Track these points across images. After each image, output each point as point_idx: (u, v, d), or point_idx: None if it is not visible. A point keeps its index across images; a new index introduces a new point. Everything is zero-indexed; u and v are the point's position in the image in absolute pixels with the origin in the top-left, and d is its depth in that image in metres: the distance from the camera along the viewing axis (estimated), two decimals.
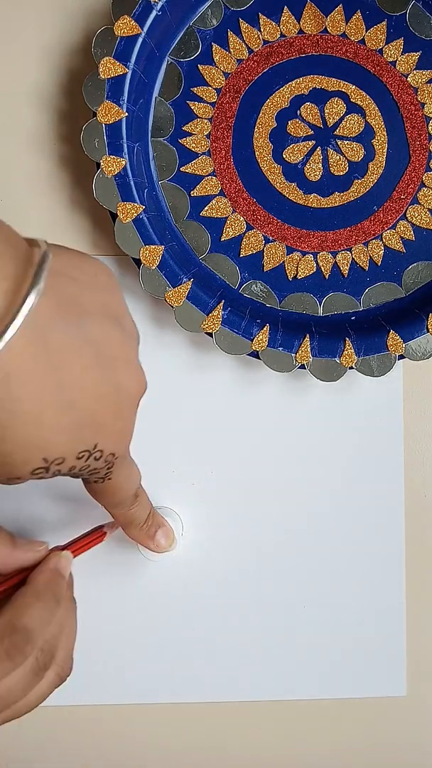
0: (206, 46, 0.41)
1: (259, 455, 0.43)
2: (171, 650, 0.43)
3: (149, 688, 0.43)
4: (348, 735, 0.44)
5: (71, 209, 0.42)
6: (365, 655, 0.43)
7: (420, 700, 0.44)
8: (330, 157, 0.42)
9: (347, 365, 0.40)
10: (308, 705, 0.43)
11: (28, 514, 0.43)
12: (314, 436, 0.43)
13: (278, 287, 0.42)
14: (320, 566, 0.43)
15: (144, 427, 0.43)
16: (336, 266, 0.42)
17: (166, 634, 0.43)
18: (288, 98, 0.42)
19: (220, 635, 0.43)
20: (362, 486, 0.43)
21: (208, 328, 0.40)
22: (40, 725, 0.43)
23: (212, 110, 0.41)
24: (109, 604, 0.43)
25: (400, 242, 0.42)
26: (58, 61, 0.42)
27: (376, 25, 0.41)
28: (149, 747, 0.43)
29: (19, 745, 0.43)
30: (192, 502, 0.43)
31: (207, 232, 0.42)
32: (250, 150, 0.42)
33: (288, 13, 0.41)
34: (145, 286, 0.40)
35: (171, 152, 0.41)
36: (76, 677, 0.41)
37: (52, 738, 0.43)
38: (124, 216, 0.39)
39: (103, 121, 0.39)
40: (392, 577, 0.43)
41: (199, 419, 0.43)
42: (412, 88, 0.42)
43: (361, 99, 0.42)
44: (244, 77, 0.41)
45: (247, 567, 0.43)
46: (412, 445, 0.43)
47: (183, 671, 0.43)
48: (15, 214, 0.42)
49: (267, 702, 0.43)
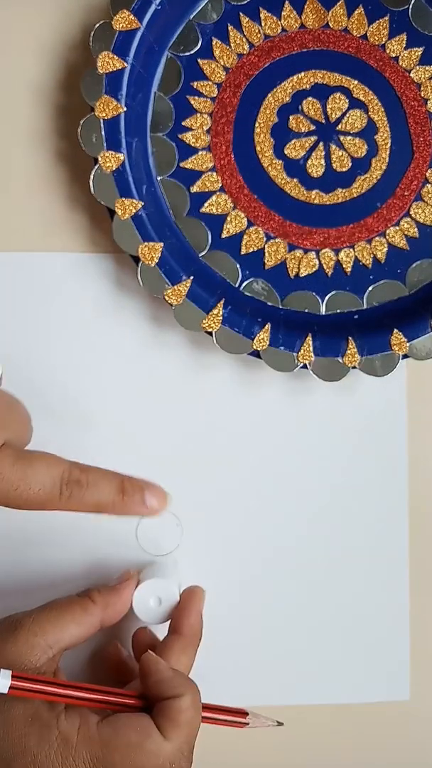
0: (206, 41, 0.41)
1: (259, 456, 0.43)
2: None
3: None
4: (351, 739, 0.43)
5: (69, 206, 0.42)
6: (368, 659, 0.43)
7: (424, 705, 0.43)
8: (332, 153, 0.41)
9: (350, 365, 0.40)
10: (310, 710, 0.43)
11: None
12: (316, 436, 0.43)
13: (280, 285, 0.41)
14: (322, 568, 0.43)
15: (144, 428, 0.43)
16: (339, 264, 0.41)
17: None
18: (289, 93, 0.41)
19: (220, 638, 0.42)
20: (365, 487, 0.43)
21: (209, 327, 0.39)
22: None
23: (212, 105, 0.41)
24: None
25: (403, 240, 0.41)
26: (56, 55, 0.42)
27: (378, 20, 0.41)
28: None
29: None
30: (192, 503, 0.42)
31: (207, 229, 0.41)
32: (250, 146, 0.41)
33: (289, 8, 0.41)
34: (143, 284, 0.39)
35: (170, 148, 0.41)
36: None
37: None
38: (123, 213, 0.39)
39: (101, 116, 0.39)
40: (396, 580, 0.43)
41: (199, 419, 0.42)
42: (415, 83, 0.41)
43: (363, 94, 0.41)
44: (245, 72, 0.41)
45: (248, 568, 0.43)
46: (415, 445, 0.43)
47: None
48: (11, 211, 0.42)
49: (268, 707, 0.43)
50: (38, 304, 0.42)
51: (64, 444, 0.42)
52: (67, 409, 0.42)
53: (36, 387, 0.42)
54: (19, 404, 0.36)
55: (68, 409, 0.42)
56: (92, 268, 0.42)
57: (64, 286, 0.42)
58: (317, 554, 0.43)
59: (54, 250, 0.42)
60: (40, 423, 0.42)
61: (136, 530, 0.42)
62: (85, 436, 0.42)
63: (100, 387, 0.42)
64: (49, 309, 0.42)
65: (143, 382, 0.42)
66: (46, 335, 0.42)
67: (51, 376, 0.42)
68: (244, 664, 0.43)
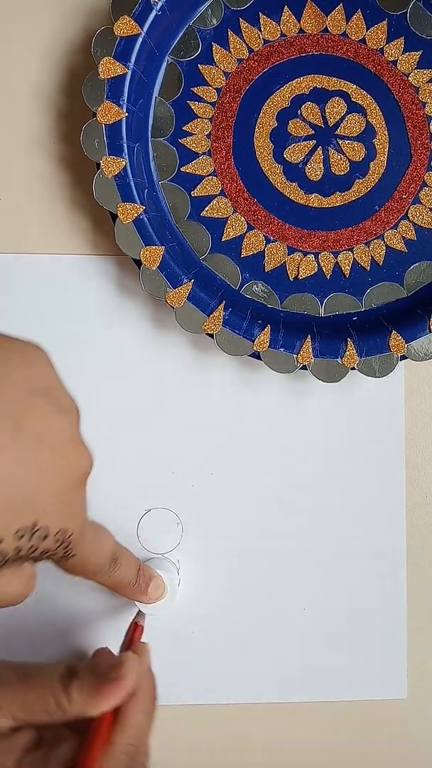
0: (206, 46, 0.41)
1: (259, 456, 0.43)
2: (171, 652, 0.43)
3: None
4: (348, 737, 0.44)
5: (71, 209, 0.42)
6: (366, 657, 0.43)
7: (421, 703, 0.43)
8: (331, 157, 0.42)
9: (349, 366, 0.40)
10: (308, 707, 0.43)
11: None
12: (315, 437, 0.43)
13: (279, 288, 0.42)
14: (321, 568, 0.43)
15: (145, 429, 0.43)
16: (337, 266, 0.42)
17: (166, 637, 0.43)
18: (288, 98, 0.41)
19: (219, 637, 0.43)
20: (363, 487, 0.43)
21: (209, 329, 0.40)
22: None
23: (212, 110, 0.41)
24: (109, 606, 0.42)
25: (401, 242, 0.42)
26: (58, 60, 0.42)
27: (376, 25, 0.41)
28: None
29: None
30: (192, 504, 0.43)
31: (207, 233, 0.41)
32: (250, 150, 0.41)
33: (288, 13, 0.41)
34: (145, 287, 0.40)
35: (171, 152, 0.41)
36: None
37: None
38: (125, 217, 0.39)
39: (103, 121, 0.39)
40: (393, 579, 0.43)
41: (200, 420, 0.43)
42: (413, 87, 0.41)
43: (361, 98, 0.41)
44: (245, 77, 0.41)
45: (247, 569, 0.43)
46: (413, 446, 0.43)
47: (183, 673, 0.43)
48: (15, 215, 0.42)
49: (267, 704, 0.43)
50: (40, 305, 0.42)
51: None
52: None
53: None
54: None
55: None
56: (94, 270, 0.42)
57: (67, 288, 0.42)
58: (316, 554, 0.43)
59: (56, 253, 0.42)
60: None
61: (136, 530, 0.43)
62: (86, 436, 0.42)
63: (101, 388, 0.43)
64: (50, 310, 0.42)
65: (144, 384, 0.43)
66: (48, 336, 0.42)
67: None
68: (242, 662, 0.43)
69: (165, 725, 0.43)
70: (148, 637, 0.42)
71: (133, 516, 0.42)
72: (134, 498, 0.42)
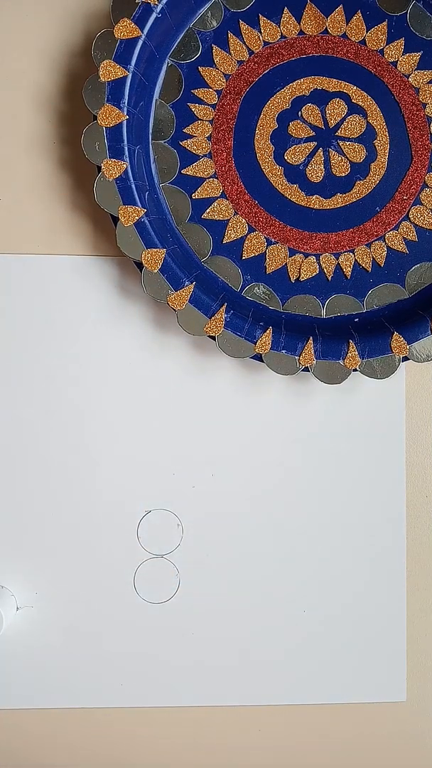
0: (206, 48, 0.41)
1: (260, 458, 0.43)
2: (170, 654, 0.43)
3: (149, 692, 0.43)
4: (348, 740, 0.44)
5: (72, 212, 0.42)
6: (366, 661, 0.43)
7: (420, 706, 0.44)
8: (332, 158, 0.42)
9: (351, 367, 0.40)
10: (308, 710, 0.43)
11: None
12: (317, 438, 0.43)
13: (281, 289, 0.42)
14: (321, 570, 0.43)
15: (146, 430, 0.43)
16: (339, 268, 0.42)
17: (165, 638, 0.43)
18: (289, 99, 0.41)
19: (219, 639, 0.43)
20: (364, 488, 0.43)
21: (211, 331, 0.40)
22: (40, 727, 0.43)
23: (213, 112, 0.41)
24: (109, 608, 0.42)
25: (402, 243, 0.42)
26: (58, 63, 0.42)
27: (376, 26, 0.41)
28: (149, 750, 0.43)
29: (19, 747, 0.43)
30: (192, 504, 0.43)
31: (209, 235, 0.41)
32: (251, 152, 0.41)
33: (288, 14, 0.41)
34: (147, 290, 0.40)
35: (172, 155, 0.41)
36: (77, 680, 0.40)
37: (52, 739, 0.43)
38: (126, 219, 0.39)
39: (104, 124, 0.39)
40: (393, 583, 0.43)
41: (202, 422, 0.43)
42: (413, 88, 0.41)
43: (362, 100, 0.41)
44: (245, 78, 0.41)
45: (247, 569, 0.43)
46: (414, 446, 0.43)
47: (183, 675, 0.43)
48: (16, 217, 0.42)
49: (267, 707, 0.43)
50: (40, 306, 0.42)
51: (65, 445, 0.43)
52: (69, 410, 0.42)
53: (38, 388, 0.42)
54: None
55: (70, 410, 0.42)
56: (96, 271, 0.42)
57: (68, 289, 0.42)
58: (316, 556, 0.43)
59: (58, 254, 0.42)
60: (42, 425, 0.42)
61: (136, 531, 0.43)
62: (87, 437, 0.42)
63: (102, 389, 0.43)
64: (51, 311, 0.42)
65: (146, 385, 0.43)
66: (48, 337, 0.43)
67: (53, 378, 0.42)
68: (242, 664, 0.43)
69: (165, 726, 0.43)
70: (148, 636, 0.43)
71: (133, 517, 0.42)
72: (135, 499, 0.42)
